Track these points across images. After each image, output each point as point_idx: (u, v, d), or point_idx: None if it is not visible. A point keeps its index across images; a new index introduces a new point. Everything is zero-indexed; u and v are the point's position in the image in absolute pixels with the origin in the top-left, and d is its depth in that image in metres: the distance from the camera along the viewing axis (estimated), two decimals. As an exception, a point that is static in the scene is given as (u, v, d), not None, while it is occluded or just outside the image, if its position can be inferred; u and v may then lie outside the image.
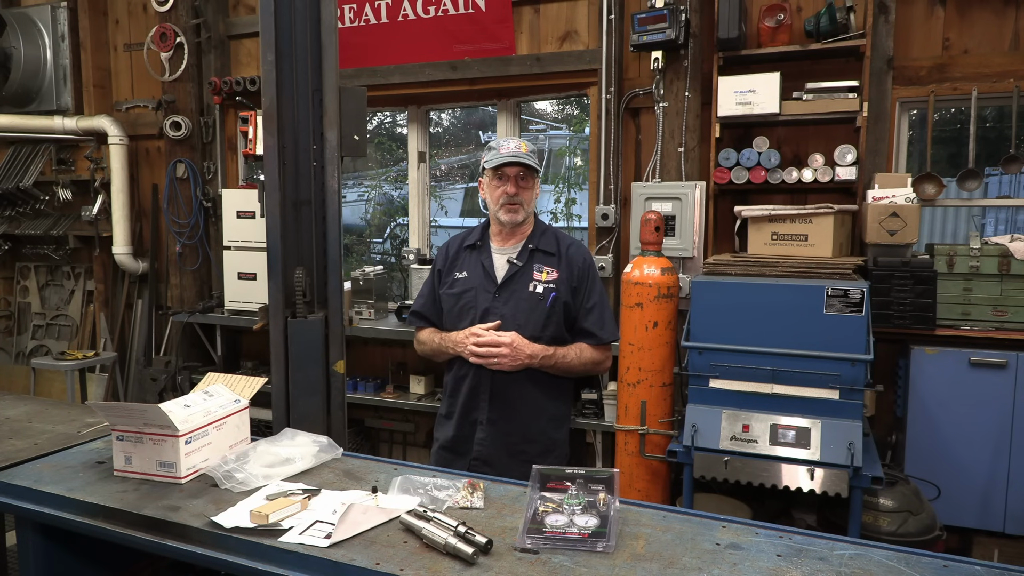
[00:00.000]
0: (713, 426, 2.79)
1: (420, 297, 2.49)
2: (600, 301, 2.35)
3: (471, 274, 2.34)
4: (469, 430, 2.33)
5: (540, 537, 1.39)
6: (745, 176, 3.51)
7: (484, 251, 2.36)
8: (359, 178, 7.14)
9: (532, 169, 2.26)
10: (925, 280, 3.13)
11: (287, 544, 1.40)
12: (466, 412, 2.33)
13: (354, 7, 4.46)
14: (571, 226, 5.69)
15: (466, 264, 2.36)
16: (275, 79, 2.29)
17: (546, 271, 2.29)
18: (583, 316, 2.32)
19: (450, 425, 2.38)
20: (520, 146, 2.25)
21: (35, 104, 5.37)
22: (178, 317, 4.82)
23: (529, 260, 2.31)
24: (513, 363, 2.20)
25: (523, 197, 2.26)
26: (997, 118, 5.22)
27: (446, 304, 2.38)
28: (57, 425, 2.18)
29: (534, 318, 2.26)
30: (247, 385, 2.02)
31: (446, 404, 2.42)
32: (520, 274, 2.30)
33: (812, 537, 1.44)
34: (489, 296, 2.30)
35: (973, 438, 3.15)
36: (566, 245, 2.36)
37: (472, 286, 2.33)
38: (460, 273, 2.36)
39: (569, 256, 2.34)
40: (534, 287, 2.28)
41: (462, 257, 2.39)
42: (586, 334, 2.33)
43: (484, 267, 2.33)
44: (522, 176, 2.26)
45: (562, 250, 2.34)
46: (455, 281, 2.36)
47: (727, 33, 3.37)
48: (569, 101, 6.02)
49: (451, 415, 2.38)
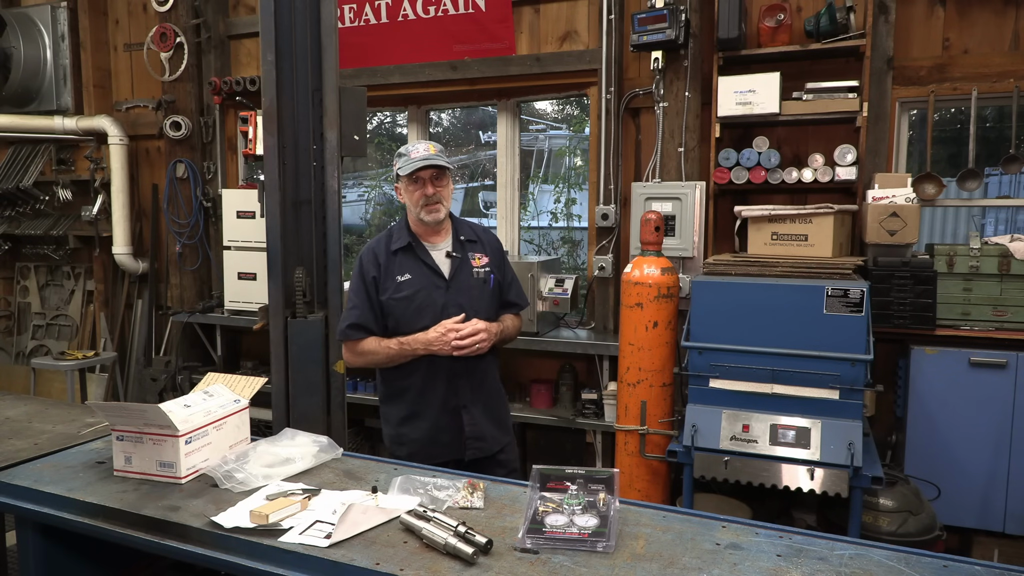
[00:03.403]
0: (713, 426, 2.78)
1: (355, 309, 2.43)
2: (514, 274, 2.62)
3: (415, 274, 2.39)
4: (449, 419, 2.41)
5: (540, 537, 1.39)
6: (745, 176, 3.51)
7: (420, 250, 2.43)
8: (359, 178, 7.14)
9: (445, 168, 2.37)
10: (925, 280, 3.13)
11: (287, 544, 1.40)
12: (444, 402, 2.40)
13: (354, 7, 4.46)
14: (571, 226, 5.69)
15: (405, 266, 2.41)
16: (275, 79, 2.29)
17: (477, 257, 2.48)
18: (507, 290, 2.55)
19: (422, 422, 2.42)
20: (429, 148, 2.37)
21: (35, 104, 5.37)
22: (178, 317, 4.82)
23: (463, 251, 2.46)
24: (488, 345, 2.36)
25: (441, 195, 2.38)
26: (997, 118, 5.21)
27: (397, 309, 2.39)
28: (57, 425, 2.18)
29: (485, 302, 2.45)
30: (247, 385, 2.02)
31: (407, 406, 2.43)
32: (462, 265, 2.45)
33: (812, 537, 1.44)
34: (442, 291, 2.40)
35: (973, 438, 3.15)
36: (481, 231, 2.57)
37: (422, 285, 2.39)
38: (401, 276, 2.39)
39: (488, 240, 2.55)
40: (476, 274, 2.45)
41: (395, 261, 2.42)
42: (511, 305, 2.57)
43: (427, 265, 2.42)
44: (436, 177, 2.36)
45: (480, 236, 2.54)
46: (400, 284, 2.39)
47: (727, 33, 3.37)
48: (569, 101, 6.01)
49: (418, 414, 2.42)
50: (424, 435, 2.42)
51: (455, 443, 2.42)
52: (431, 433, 2.42)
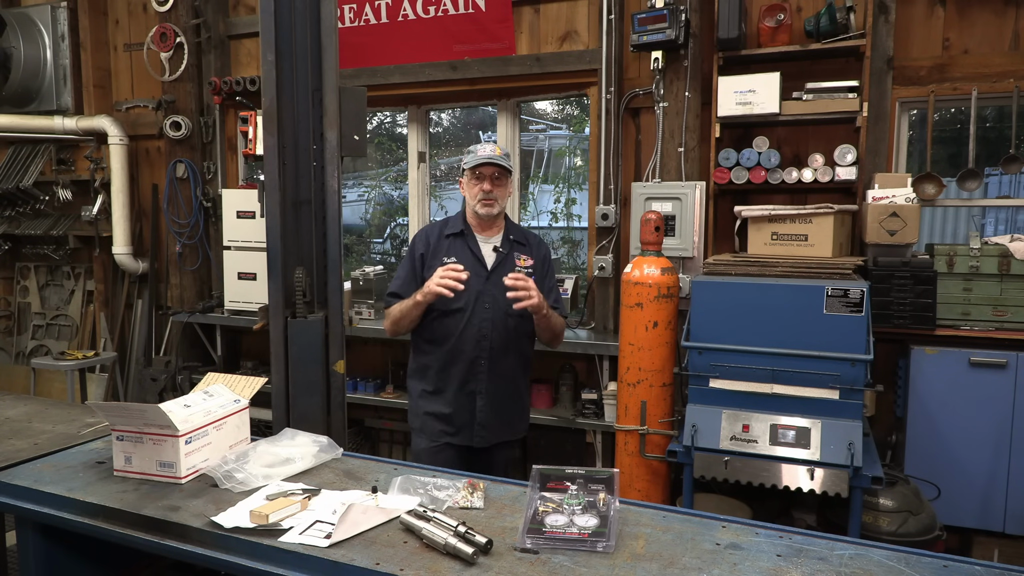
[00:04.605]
0: (713, 426, 2.79)
1: (398, 279, 2.66)
2: (555, 283, 2.75)
3: (461, 258, 2.55)
4: (466, 400, 2.56)
5: (540, 537, 1.39)
6: (745, 176, 3.51)
7: (470, 239, 2.62)
8: (359, 178, 7.14)
9: (505, 170, 2.56)
10: (925, 280, 3.13)
11: (287, 544, 1.40)
12: (463, 383, 2.56)
13: (354, 7, 4.46)
14: (571, 226, 5.69)
15: (452, 250, 2.59)
16: (275, 79, 2.29)
17: (523, 258, 2.64)
18: (546, 295, 2.62)
19: (443, 399, 2.59)
20: (495, 150, 2.55)
21: (35, 104, 5.36)
22: (178, 317, 4.82)
23: (510, 248, 2.63)
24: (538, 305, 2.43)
25: (497, 193, 2.56)
26: (997, 118, 5.21)
27: None
28: (57, 425, 2.18)
29: None
30: (247, 385, 2.02)
31: (433, 380, 2.60)
32: (506, 261, 2.60)
33: (812, 537, 1.44)
34: (481, 280, 2.55)
35: (973, 438, 3.15)
36: (532, 236, 2.76)
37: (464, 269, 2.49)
38: (448, 258, 2.55)
39: (536, 244, 2.72)
40: (518, 272, 2.55)
41: (445, 244, 2.61)
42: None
43: (473, 253, 2.59)
44: (496, 176, 2.55)
45: (531, 241, 2.72)
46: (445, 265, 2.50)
47: (727, 33, 3.37)
48: (569, 101, 6.01)
49: (442, 390, 2.59)
50: (439, 411, 2.57)
51: (467, 428, 2.56)
52: (446, 411, 2.56)
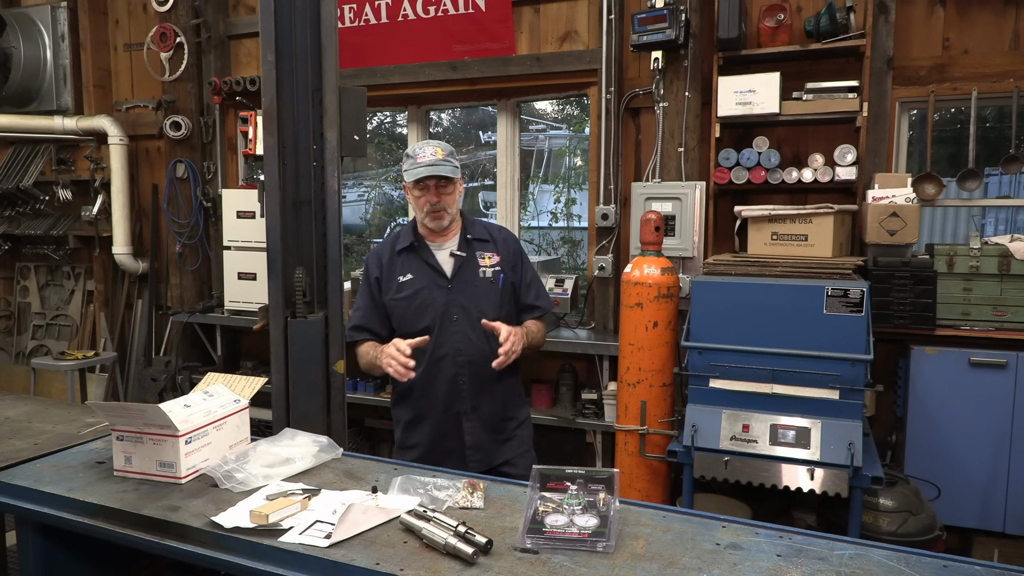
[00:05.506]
0: (713, 426, 2.79)
1: (358, 310, 2.45)
2: (534, 276, 2.50)
3: (417, 274, 2.38)
4: (452, 423, 2.37)
5: (540, 537, 1.39)
6: (745, 176, 3.51)
7: (423, 250, 2.41)
8: (359, 178, 7.15)
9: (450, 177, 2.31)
10: (925, 280, 3.13)
11: (287, 544, 1.40)
12: (447, 407, 2.36)
13: (354, 7, 4.46)
14: (571, 226, 5.69)
15: (407, 266, 2.40)
16: (275, 79, 2.29)
17: (487, 256, 2.40)
18: (524, 292, 2.46)
19: (426, 427, 2.40)
20: (436, 153, 2.30)
21: (35, 104, 5.36)
22: (178, 317, 4.82)
23: (470, 249, 2.40)
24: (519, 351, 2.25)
25: (445, 203, 2.34)
26: (997, 118, 5.21)
27: (398, 309, 2.39)
28: (57, 425, 2.18)
29: (491, 302, 2.37)
30: (247, 385, 2.02)
31: (413, 408, 2.41)
32: (467, 264, 2.39)
33: (812, 537, 1.44)
34: (444, 290, 2.36)
35: (973, 438, 3.15)
36: (496, 230, 2.50)
37: (423, 285, 2.37)
38: (403, 276, 2.38)
39: (502, 239, 2.47)
40: (483, 273, 2.38)
41: (399, 261, 2.41)
42: (530, 308, 2.47)
43: (429, 264, 2.39)
44: (442, 184, 2.32)
45: (494, 235, 2.47)
46: (401, 285, 2.38)
47: (727, 33, 3.37)
48: (569, 101, 6.02)
49: (422, 417, 2.40)
50: (427, 440, 2.40)
51: (457, 452, 2.38)
52: (434, 438, 2.39)
